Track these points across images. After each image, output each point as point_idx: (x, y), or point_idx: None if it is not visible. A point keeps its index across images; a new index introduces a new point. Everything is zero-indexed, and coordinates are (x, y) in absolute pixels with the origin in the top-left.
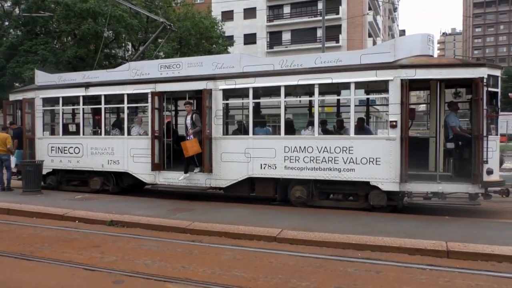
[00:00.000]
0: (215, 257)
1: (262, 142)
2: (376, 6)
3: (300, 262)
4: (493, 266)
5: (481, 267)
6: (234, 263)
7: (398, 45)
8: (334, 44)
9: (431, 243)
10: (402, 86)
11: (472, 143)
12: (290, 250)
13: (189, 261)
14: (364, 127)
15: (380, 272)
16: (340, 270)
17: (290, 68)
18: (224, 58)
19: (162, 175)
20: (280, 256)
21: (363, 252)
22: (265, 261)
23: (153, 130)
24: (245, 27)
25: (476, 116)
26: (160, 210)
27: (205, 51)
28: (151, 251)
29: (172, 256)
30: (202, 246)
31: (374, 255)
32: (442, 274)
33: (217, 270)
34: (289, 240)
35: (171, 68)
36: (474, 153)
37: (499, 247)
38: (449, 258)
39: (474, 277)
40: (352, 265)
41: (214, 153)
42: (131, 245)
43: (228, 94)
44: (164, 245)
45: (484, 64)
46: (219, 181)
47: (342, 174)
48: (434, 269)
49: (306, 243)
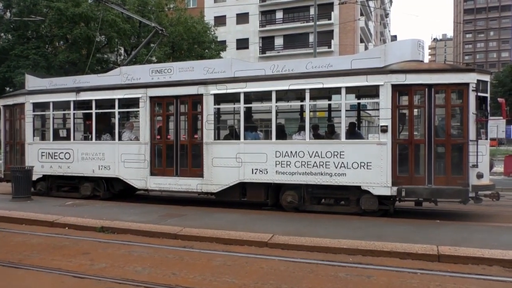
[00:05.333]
0: (206, 263)
1: (254, 147)
2: (368, 12)
3: (291, 267)
4: (484, 269)
5: (471, 271)
6: (225, 269)
7: (389, 50)
8: (326, 49)
9: (422, 247)
10: (393, 91)
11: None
12: (281, 255)
13: (179, 268)
14: (355, 131)
15: (371, 276)
16: (331, 275)
17: (281, 73)
18: (216, 63)
19: (153, 180)
20: (271, 262)
21: (354, 256)
22: (256, 267)
23: (153, 135)
24: (237, 32)
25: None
26: (151, 216)
27: (198, 56)
28: (141, 257)
29: (162, 262)
30: (193, 252)
31: (365, 260)
32: (433, 278)
33: (208, 276)
34: (280, 245)
35: (162, 73)
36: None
37: (489, 250)
38: (440, 262)
39: (465, 281)
40: (343, 269)
41: (205, 158)
42: (122, 252)
43: (220, 99)
44: (155, 252)
45: (473, 69)
46: (210, 186)
47: (334, 178)
48: (425, 273)
49: (297, 248)
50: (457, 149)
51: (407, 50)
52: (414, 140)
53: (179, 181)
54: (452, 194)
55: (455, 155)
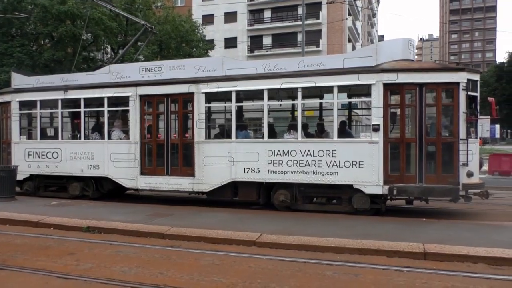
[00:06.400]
0: (194, 263)
1: (245, 146)
2: (355, 12)
3: (279, 266)
4: (469, 267)
5: (457, 268)
6: (213, 268)
7: (380, 49)
8: (314, 48)
9: (409, 245)
10: (385, 90)
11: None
12: (270, 254)
13: (167, 267)
14: (346, 130)
15: (358, 274)
16: (319, 273)
17: (273, 72)
18: (207, 61)
19: (144, 180)
20: (259, 261)
21: (342, 255)
22: (244, 266)
23: (143, 134)
24: (226, 31)
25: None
26: (138, 216)
27: (186, 54)
28: (128, 257)
29: (150, 262)
30: (181, 252)
31: (353, 258)
32: (419, 275)
33: (196, 275)
34: (268, 244)
35: (153, 71)
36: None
37: (474, 248)
38: (426, 259)
39: (450, 278)
40: (331, 268)
41: (197, 157)
42: (108, 252)
43: (211, 97)
44: (142, 251)
45: (463, 68)
46: (201, 186)
47: (326, 177)
48: (411, 271)
49: (285, 247)
50: (448, 148)
51: (398, 49)
52: (405, 139)
53: (170, 181)
54: (443, 192)
55: (446, 153)
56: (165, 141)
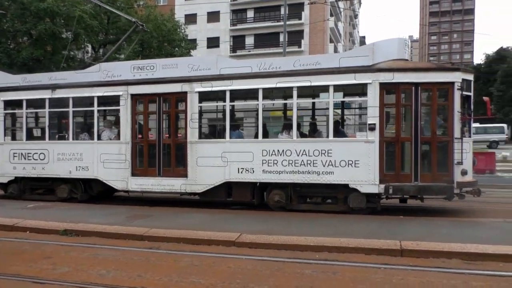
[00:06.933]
0: (173, 264)
1: (240, 146)
2: (337, 13)
3: (258, 266)
4: (444, 262)
5: (432, 264)
6: (191, 270)
7: (377, 49)
8: (297, 49)
9: (386, 243)
10: (381, 89)
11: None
12: (249, 254)
13: (145, 269)
14: (339, 130)
15: (336, 272)
16: (297, 272)
17: (268, 71)
18: (201, 60)
19: (135, 181)
20: (239, 261)
21: (320, 253)
22: (223, 266)
23: (135, 134)
24: (208, 30)
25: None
26: (118, 218)
27: (167, 54)
28: (106, 260)
29: (128, 264)
30: (160, 253)
31: (332, 256)
32: (396, 272)
33: (174, 277)
34: (248, 244)
35: (145, 70)
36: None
37: (449, 244)
38: (403, 256)
39: (425, 274)
40: (309, 267)
41: (190, 157)
42: (85, 255)
43: (204, 96)
44: (120, 254)
45: (458, 68)
46: (194, 186)
47: (321, 177)
48: (388, 268)
49: (265, 246)
50: (443, 146)
51: (394, 48)
52: (401, 138)
53: (162, 182)
54: (438, 191)
55: (441, 152)
56: (157, 141)
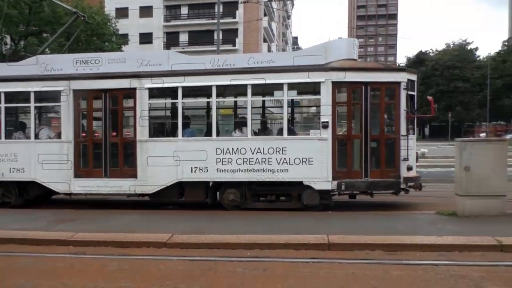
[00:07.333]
0: (100, 269)
1: (193, 144)
2: (270, 12)
3: (189, 266)
4: (367, 254)
5: (357, 256)
6: (120, 274)
7: (329, 48)
8: (231, 47)
9: (315, 237)
10: (333, 88)
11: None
12: (181, 254)
13: (69, 276)
14: (290, 128)
15: (267, 269)
16: (229, 270)
17: (222, 68)
18: (151, 55)
19: (78, 183)
20: (170, 262)
21: (252, 251)
22: (153, 269)
23: (78, 132)
24: (141, 25)
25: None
26: (40, 222)
27: (97, 48)
28: (25, 269)
29: (50, 272)
30: (86, 258)
31: (263, 253)
32: (323, 266)
33: (101, 282)
34: (179, 245)
35: (89, 64)
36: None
37: (372, 236)
38: (330, 250)
39: (351, 266)
40: (241, 264)
41: (139, 157)
42: (1, 265)
43: (155, 93)
44: (42, 261)
45: (404, 69)
46: (145, 187)
47: (276, 174)
48: (316, 262)
49: (197, 246)
50: (390, 143)
51: (344, 48)
52: (352, 136)
53: (109, 183)
54: (387, 186)
55: (389, 149)
56: (103, 140)
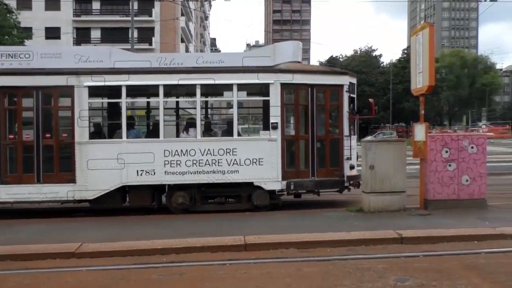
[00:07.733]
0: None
1: (139, 146)
2: (188, 12)
3: (99, 277)
4: (282, 252)
5: (272, 255)
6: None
7: (277, 50)
8: (147, 46)
9: (232, 239)
10: (282, 89)
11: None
12: (91, 264)
13: None
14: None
15: (183, 274)
16: (144, 278)
17: (170, 67)
18: (91, 50)
19: (6, 190)
20: (78, 273)
21: (168, 256)
22: (60, 282)
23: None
24: (47, 19)
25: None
26: None
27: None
28: None
29: None
30: None
31: (179, 258)
32: (240, 266)
33: None
34: (90, 254)
35: (18, 58)
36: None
37: (286, 235)
38: (247, 250)
39: (266, 265)
40: (156, 271)
41: (78, 160)
42: None
43: (96, 92)
44: None
45: (346, 73)
46: (85, 193)
47: (226, 176)
48: (233, 263)
49: (109, 254)
50: (334, 143)
51: (290, 51)
52: (300, 136)
53: (42, 189)
54: (332, 184)
55: (333, 149)
56: (35, 143)
